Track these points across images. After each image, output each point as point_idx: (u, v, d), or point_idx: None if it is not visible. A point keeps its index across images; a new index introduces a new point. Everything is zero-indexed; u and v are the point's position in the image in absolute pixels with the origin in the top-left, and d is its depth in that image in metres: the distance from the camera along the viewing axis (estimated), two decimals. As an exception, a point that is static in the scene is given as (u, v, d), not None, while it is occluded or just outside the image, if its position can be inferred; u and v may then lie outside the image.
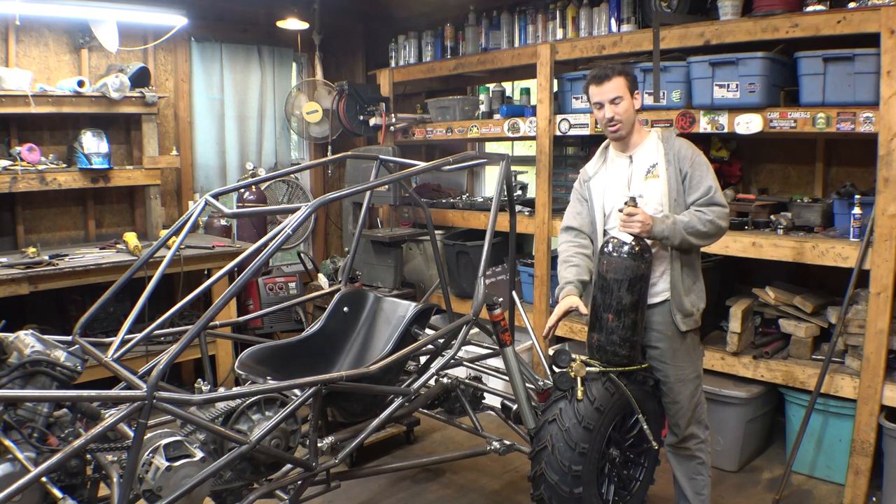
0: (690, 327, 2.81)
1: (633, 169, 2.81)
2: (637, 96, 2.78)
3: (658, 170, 2.76)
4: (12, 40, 4.38)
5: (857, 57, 3.17)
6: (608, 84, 2.73)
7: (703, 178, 2.73)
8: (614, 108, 2.73)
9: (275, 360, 2.95)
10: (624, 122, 2.75)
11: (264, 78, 5.51)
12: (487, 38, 4.97)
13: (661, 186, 2.75)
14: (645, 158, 2.80)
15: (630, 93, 2.75)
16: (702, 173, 2.73)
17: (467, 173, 6.04)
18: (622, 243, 2.64)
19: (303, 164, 5.40)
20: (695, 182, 2.73)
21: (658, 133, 2.84)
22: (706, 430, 2.95)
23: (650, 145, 2.81)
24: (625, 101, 2.73)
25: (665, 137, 2.81)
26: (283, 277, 5.04)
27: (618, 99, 2.72)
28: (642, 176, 2.79)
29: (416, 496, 3.48)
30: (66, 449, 1.88)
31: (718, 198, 2.71)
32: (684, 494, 2.96)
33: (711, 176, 2.74)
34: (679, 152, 2.76)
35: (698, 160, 2.76)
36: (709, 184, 2.71)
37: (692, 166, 2.73)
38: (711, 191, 2.70)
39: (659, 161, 2.76)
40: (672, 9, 3.86)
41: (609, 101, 2.74)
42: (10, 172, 4.05)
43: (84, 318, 2.55)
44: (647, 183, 2.77)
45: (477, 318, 2.79)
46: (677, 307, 2.77)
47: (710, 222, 2.66)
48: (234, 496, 2.40)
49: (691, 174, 2.73)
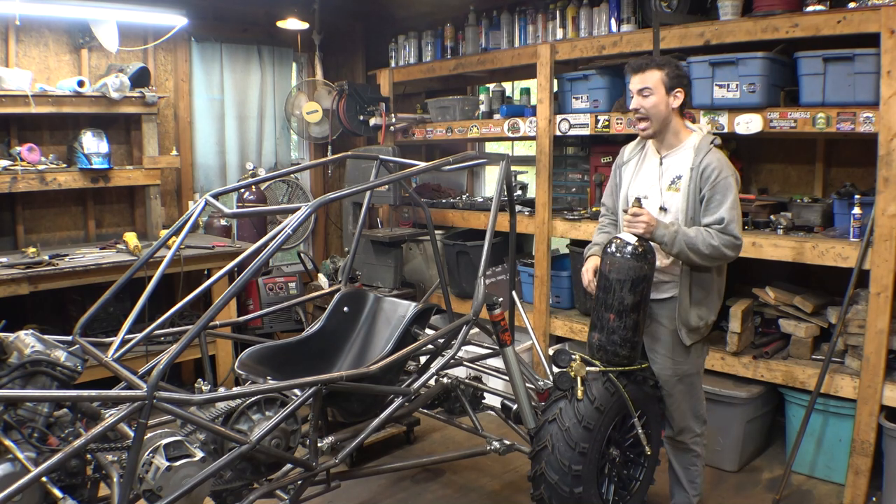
0: (695, 340, 2.77)
1: (662, 174, 2.75)
2: (678, 94, 2.65)
3: (681, 183, 2.69)
4: (12, 40, 4.38)
5: (857, 57, 3.17)
6: (642, 75, 2.65)
7: (719, 206, 2.60)
8: (641, 99, 2.65)
9: (275, 360, 2.96)
10: (652, 118, 2.66)
11: (264, 78, 5.51)
12: (487, 38, 4.97)
13: (680, 202, 2.69)
14: (674, 166, 2.73)
15: (667, 89, 2.63)
16: (720, 199, 2.60)
17: (467, 173, 6.04)
18: (626, 243, 2.64)
19: (303, 164, 5.41)
20: (711, 207, 2.62)
21: (697, 139, 2.71)
22: (703, 424, 2.97)
23: (684, 153, 2.71)
24: (655, 96, 2.63)
25: (699, 148, 2.68)
26: (283, 277, 5.04)
27: (646, 91, 2.63)
28: (667, 185, 2.74)
29: (416, 496, 3.48)
30: (66, 449, 1.88)
31: (732, 229, 2.59)
32: (679, 482, 3.02)
33: (729, 204, 2.60)
34: (704, 171, 2.63)
35: (722, 184, 2.61)
36: (722, 215, 2.58)
37: (713, 189, 2.61)
38: (724, 222, 2.58)
39: (684, 174, 2.68)
40: (672, 9, 3.86)
41: (637, 91, 2.66)
42: (10, 172, 4.06)
43: (84, 318, 2.55)
44: (670, 194, 2.73)
45: (477, 318, 2.79)
46: (682, 322, 2.75)
47: (713, 247, 2.57)
48: (234, 496, 2.40)
49: (709, 197, 2.63)
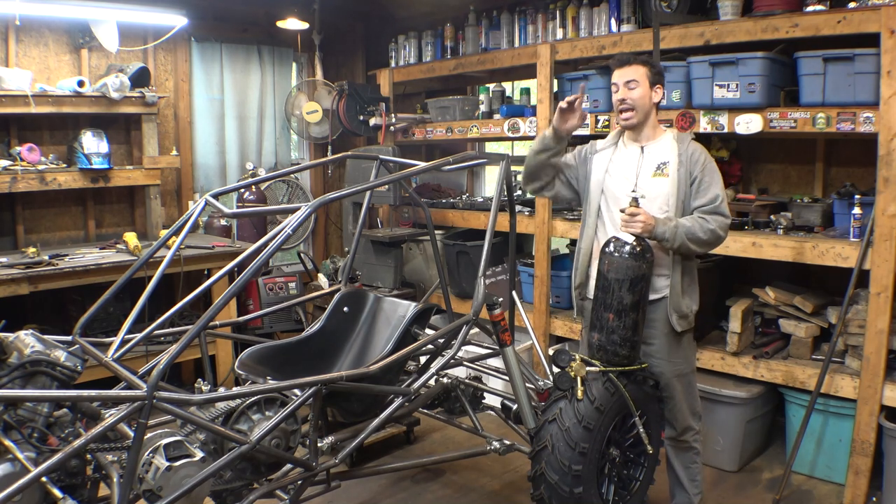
0: (685, 328, 2.83)
1: (643, 162, 2.82)
2: (658, 90, 2.79)
3: (669, 169, 2.76)
4: (12, 40, 4.38)
5: (857, 57, 3.17)
6: (628, 68, 2.77)
7: (711, 186, 2.73)
8: (628, 90, 2.75)
9: (275, 360, 2.95)
10: (637, 108, 2.76)
11: (264, 78, 5.51)
12: (487, 38, 4.97)
13: (669, 186, 2.75)
14: (657, 154, 2.81)
15: (650, 83, 2.76)
16: (711, 180, 2.74)
17: (467, 173, 6.04)
18: (623, 243, 2.64)
19: (303, 164, 5.40)
20: (703, 188, 2.73)
21: (674, 133, 2.85)
22: (700, 420, 3.00)
23: (664, 143, 2.82)
24: (640, 88, 2.74)
25: (680, 139, 2.82)
26: (283, 277, 5.03)
27: (633, 83, 2.74)
28: (651, 171, 2.79)
29: (416, 496, 3.48)
30: (66, 449, 1.88)
31: (723, 208, 2.72)
32: (680, 482, 3.02)
33: (720, 185, 2.75)
34: (692, 155, 2.76)
35: (710, 166, 2.76)
36: (716, 192, 2.72)
37: (703, 171, 2.74)
38: (717, 200, 2.71)
39: (671, 160, 2.77)
40: (672, 9, 3.86)
41: (624, 83, 2.76)
42: (10, 172, 4.05)
43: (84, 318, 2.54)
44: (655, 180, 2.78)
45: (477, 318, 2.79)
46: (674, 307, 2.79)
47: (710, 231, 2.67)
48: (234, 496, 2.40)
49: (700, 179, 2.74)
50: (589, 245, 2.92)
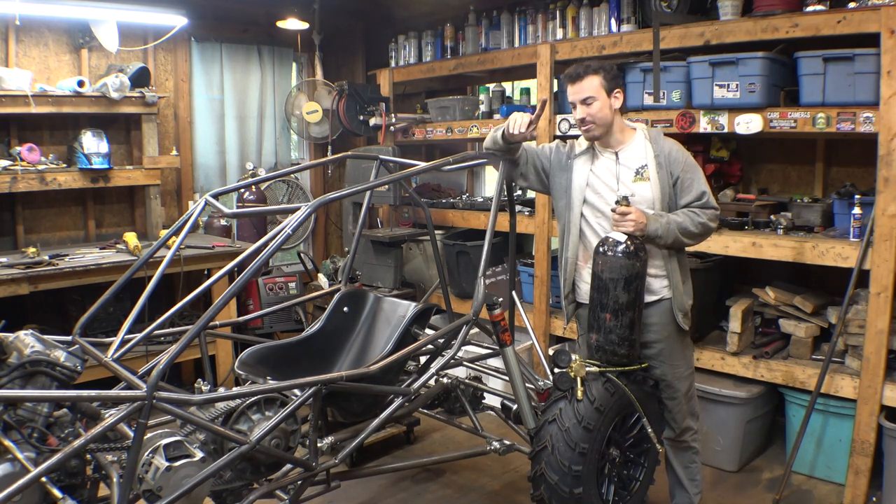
0: (688, 325, 2.84)
1: (621, 168, 2.78)
2: (617, 95, 2.72)
3: (648, 172, 2.74)
4: (12, 40, 4.38)
5: (857, 57, 3.17)
6: (580, 84, 2.69)
7: (694, 182, 2.74)
8: (586, 108, 2.70)
9: (275, 360, 2.95)
10: (597, 122, 2.71)
11: (264, 78, 5.51)
12: (487, 38, 4.97)
13: (651, 191, 2.73)
14: (632, 158, 2.78)
15: (607, 92, 2.69)
16: (693, 176, 2.74)
17: (467, 173, 6.04)
18: (616, 242, 2.64)
19: (303, 164, 5.41)
20: (686, 185, 2.73)
21: (644, 132, 2.81)
22: (697, 420, 3.01)
23: (637, 145, 2.79)
24: (598, 102, 2.68)
25: (653, 137, 2.78)
26: (283, 277, 5.04)
27: (590, 99, 2.68)
28: (631, 177, 2.76)
29: (416, 496, 3.48)
30: (66, 449, 1.88)
31: (711, 201, 2.74)
32: (680, 482, 3.02)
33: (703, 179, 2.76)
34: (669, 155, 2.74)
35: (689, 162, 2.76)
36: (702, 188, 2.74)
37: (683, 170, 2.73)
38: (704, 195, 2.73)
39: (648, 163, 2.74)
40: (672, 9, 3.86)
41: (581, 102, 2.71)
42: (10, 172, 4.05)
43: (84, 318, 2.54)
44: (637, 185, 2.75)
45: (477, 318, 2.79)
46: (679, 306, 2.78)
47: (701, 224, 2.70)
48: (234, 496, 2.40)
49: (682, 178, 2.73)
50: (574, 254, 2.89)
